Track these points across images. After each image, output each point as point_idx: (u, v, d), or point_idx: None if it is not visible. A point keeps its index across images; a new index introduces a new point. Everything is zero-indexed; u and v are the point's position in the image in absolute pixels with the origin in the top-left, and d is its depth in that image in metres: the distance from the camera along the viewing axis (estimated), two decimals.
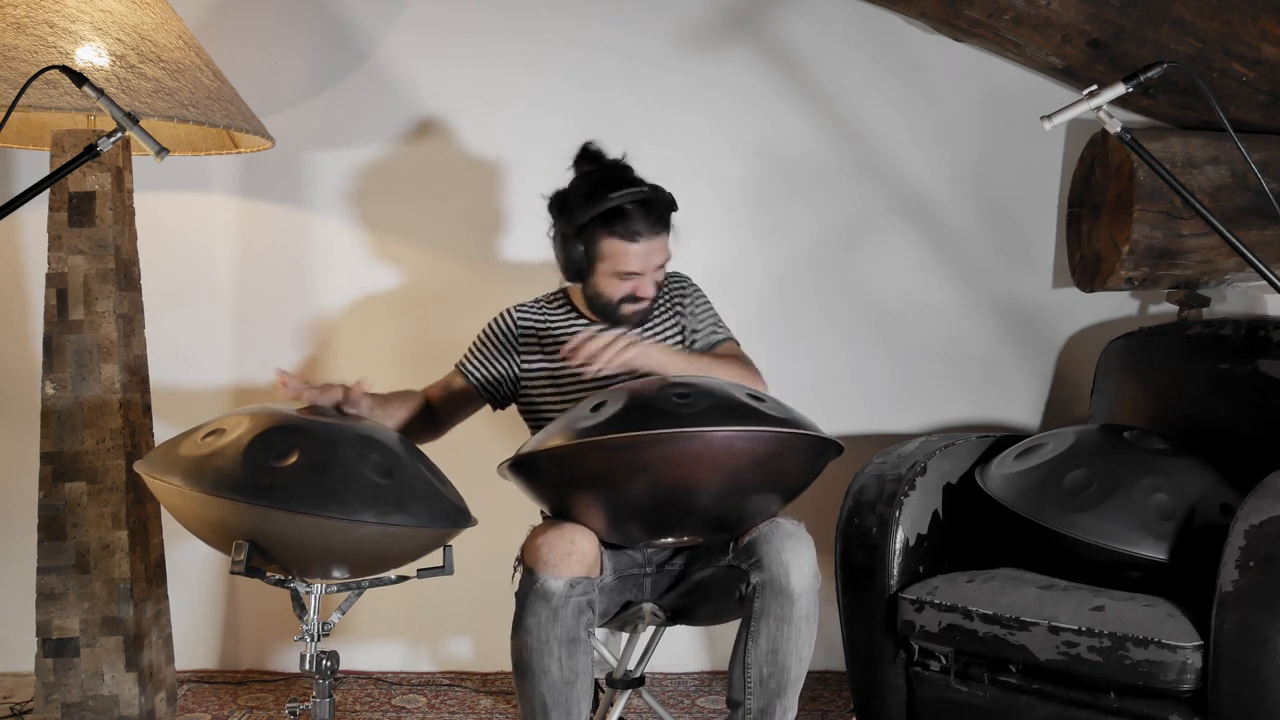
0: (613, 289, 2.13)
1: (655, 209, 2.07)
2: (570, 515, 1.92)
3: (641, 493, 1.81)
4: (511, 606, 1.91)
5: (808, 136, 2.92)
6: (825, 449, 1.88)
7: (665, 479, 1.78)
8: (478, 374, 2.26)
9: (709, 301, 2.30)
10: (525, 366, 2.24)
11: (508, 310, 2.28)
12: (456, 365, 2.29)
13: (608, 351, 1.95)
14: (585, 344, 1.95)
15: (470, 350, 2.28)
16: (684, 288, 2.28)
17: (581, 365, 1.97)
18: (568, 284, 2.27)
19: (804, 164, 2.93)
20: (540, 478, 1.89)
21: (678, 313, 2.26)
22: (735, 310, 2.83)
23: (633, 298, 2.14)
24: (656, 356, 2.02)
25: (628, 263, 2.08)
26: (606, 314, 2.18)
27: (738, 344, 2.28)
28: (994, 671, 2.08)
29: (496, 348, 2.26)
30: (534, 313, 2.28)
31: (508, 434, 2.67)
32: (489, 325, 2.28)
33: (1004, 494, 2.18)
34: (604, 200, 2.05)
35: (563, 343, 2.21)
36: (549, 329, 2.25)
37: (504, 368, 2.25)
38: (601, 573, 1.96)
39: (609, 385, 2.10)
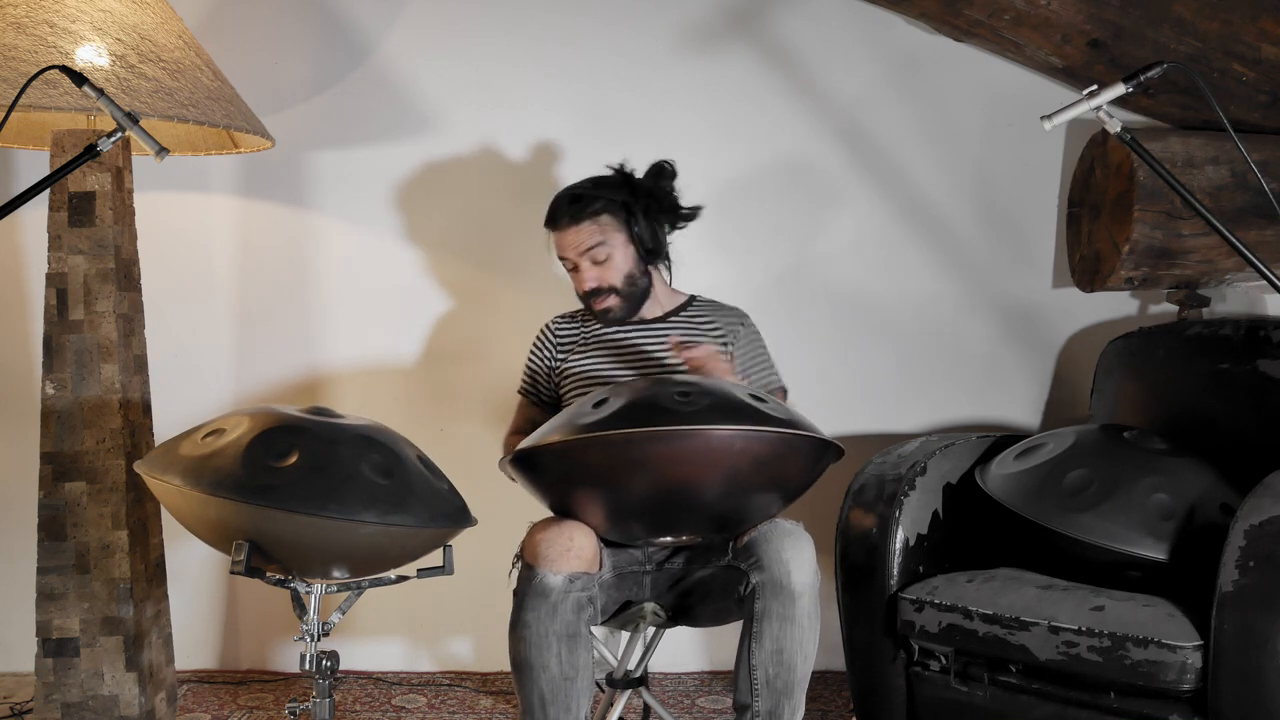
0: (575, 285, 2.31)
1: (578, 201, 2.25)
2: (571, 511, 1.92)
3: (641, 490, 1.81)
4: (511, 606, 1.92)
5: (808, 136, 2.92)
6: (826, 451, 1.88)
7: (665, 476, 1.78)
8: (530, 381, 2.39)
9: (764, 344, 2.38)
10: (562, 366, 2.31)
11: (547, 324, 2.40)
12: (518, 389, 2.42)
13: (699, 356, 2.09)
14: (692, 349, 2.12)
15: (524, 371, 2.41)
16: (742, 322, 2.38)
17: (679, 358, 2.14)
18: None
19: (804, 164, 2.93)
20: (541, 473, 1.90)
21: (726, 341, 2.32)
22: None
23: (587, 294, 2.28)
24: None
25: (558, 249, 2.28)
26: (592, 315, 2.33)
27: (786, 393, 2.38)
28: (994, 671, 2.08)
29: (539, 356, 2.37)
30: (570, 322, 2.38)
31: None
32: (533, 342, 2.40)
33: (1004, 494, 2.18)
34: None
35: (601, 345, 2.30)
36: (585, 333, 2.34)
37: (546, 367, 2.36)
38: (600, 569, 1.96)
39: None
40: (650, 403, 1.78)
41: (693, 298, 2.40)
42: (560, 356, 2.33)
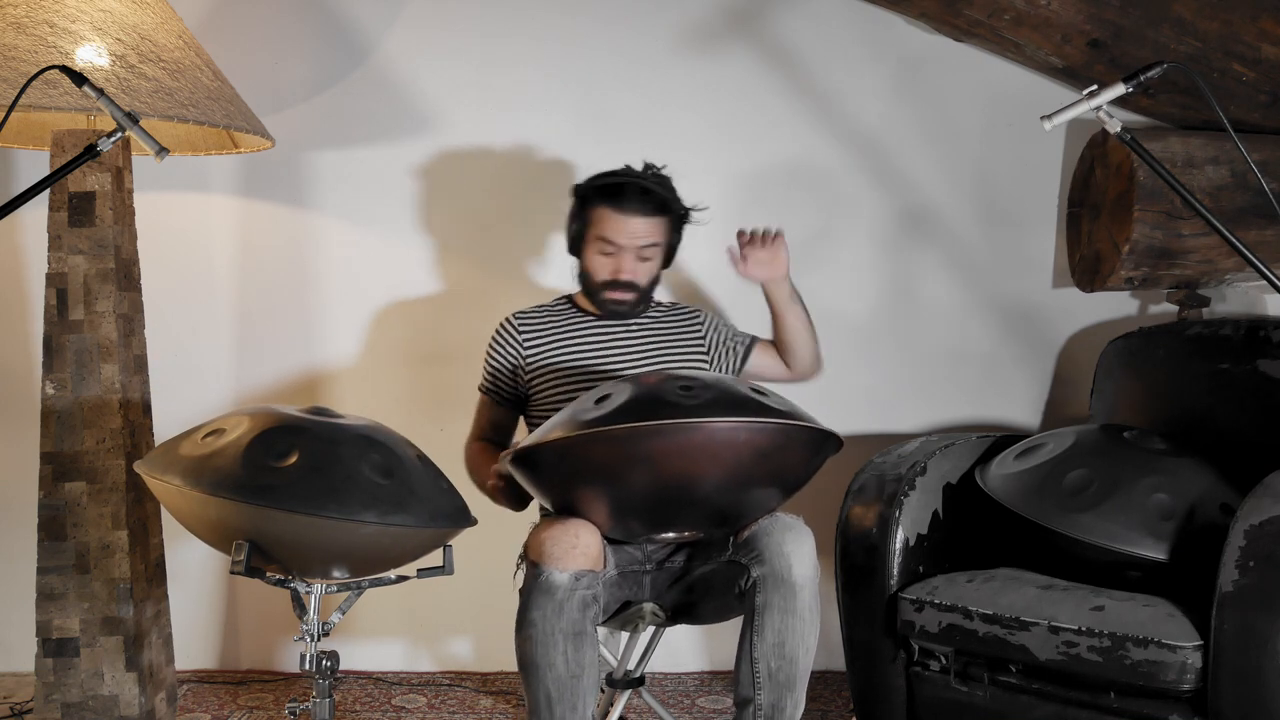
0: (598, 267, 2.26)
1: (650, 196, 2.23)
2: (572, 509, 1.92)
3: (644, 485, 1.81)
4: (511, 605, 1.91)
5: (807, 136, 2.92)
6: (826, 442, 1.88)
7: (668, 470, 1.78)
8: (491, 380, 2.35)
9: (726, 318, 2.48)
10: (530, 361, 2.28)
11: (507, 318, 2.36)
12: (479, 387, 2.39)
13: (768, 250, 2.31)
14: (758, 240, 2.30)
15: (484, 368, 2.37)
16: (701, 312, 2.43)
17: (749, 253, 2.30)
18: (572, 292, 2.39)
19: (803, 163, 2.93)
20: (543, 471, 1.89)
21: (701, 334, 2.39)
22: (735, 309, 2.84)
23: (613, 282, 2.25)
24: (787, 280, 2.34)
25: (609, 230, 2.22)
26: (595, 298, 2.30)
27: (757, 340, 2.46)
28: (994, 671, 2.08)
29: (503, 353, 2.33)
30: (535, 316, 2.35)
31: None
32: (492, 337, 2.36)
33: (1004, 494, 2.18)
34: (608, 176, 2.27)
35: (570, 339, 2.28)
36: (555, 327, 2.32)
37: (511, 364, 2.31)
38: (605, 567, 1.96)
39: (611, 379, 2.13)
40: (654, 397, 1.78)
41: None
42: (529, 353, 2.30)
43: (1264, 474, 1.97)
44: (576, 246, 2.30)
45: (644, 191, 2.22)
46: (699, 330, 2.39)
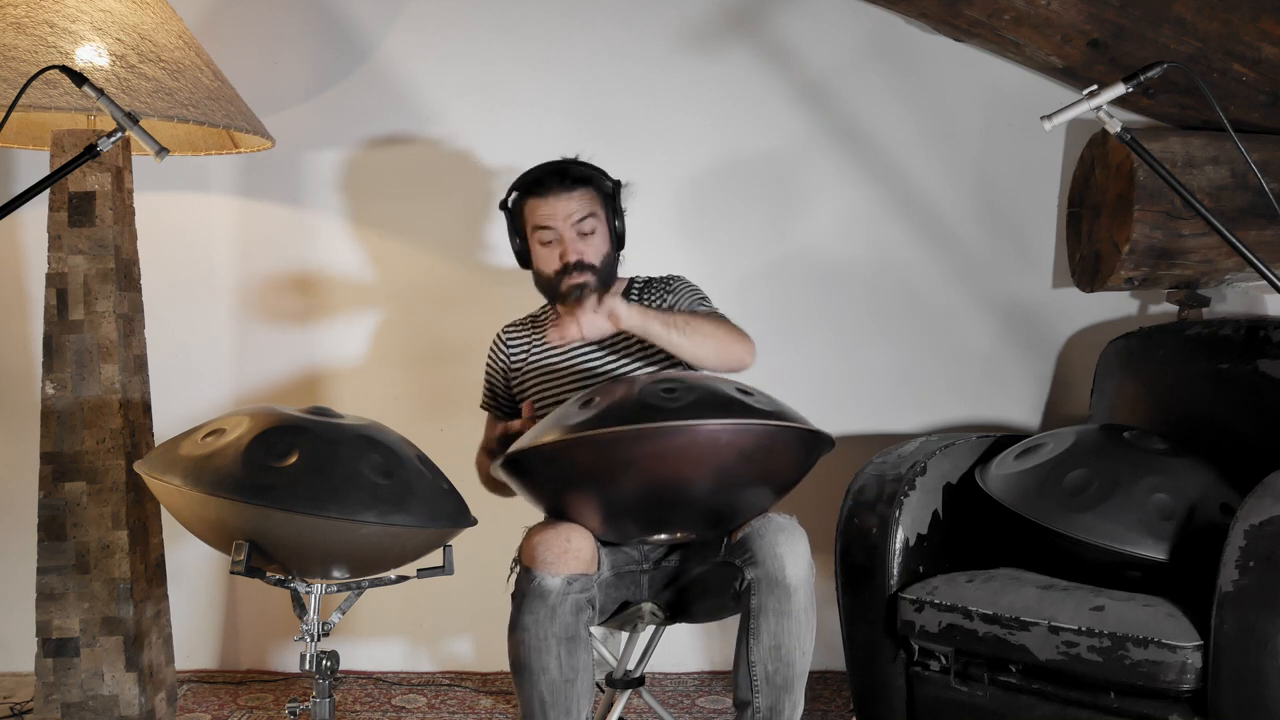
0: (547, 260, 2.21)
1: (568, 171, 2.19)
2: (565, 513, 1.92)
3: (631, 488, 1.81)
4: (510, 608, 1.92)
5: (807, 136, 2.92)
6: (815, 442, 1.87)
7: (654, 474, 1.78)
8: (489, 395, 2.37)
9: (697, 287, 2.30)
10: (515, 369, 2.30)
11: (497, 334, 2.37)
12: (481, 405, 2.40)
13: (578, 322, 2.01)
14: (564, 328, 2.03)
15: (484, 385, 2.39)
16: (669, 283, 2.30)
17: (570, 342, 2.09)
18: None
19: (803, 163, 2.93)
20: (533, 476, 1.89)
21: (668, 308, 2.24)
22: (735, 309, 2.83)
23: (565, 268, 2.18)
24: (629, 315, 2.02)
25: (542, 216, 2.18)
26: (554, 295, 2.25)
27: (724, 318, 2.23)
28: (994, 671, 2.08)
29: (494, 366, 2.35)
30: (520, 326, 2.35)
31: None
32: (487, 356, 2.37)
33: (1004, 494, 2.18)
34: (524, 175, 2.23)
35: (553, 351, 2.25)
36: (538, 333, 2.32)
37: (503, 377, 2.34)
38: (599, 569, 1.96)
39: (598, 378, 2.13)
40: (636, 400, 1.78)
41: (631, 280, 2.34)
42: (514, 364, 2.31)
43: (1264, 474, 1.97)
44: (524, 257, 2.27)
45: (563, 169, 2.19)
46: (664, 303, 2.27)
